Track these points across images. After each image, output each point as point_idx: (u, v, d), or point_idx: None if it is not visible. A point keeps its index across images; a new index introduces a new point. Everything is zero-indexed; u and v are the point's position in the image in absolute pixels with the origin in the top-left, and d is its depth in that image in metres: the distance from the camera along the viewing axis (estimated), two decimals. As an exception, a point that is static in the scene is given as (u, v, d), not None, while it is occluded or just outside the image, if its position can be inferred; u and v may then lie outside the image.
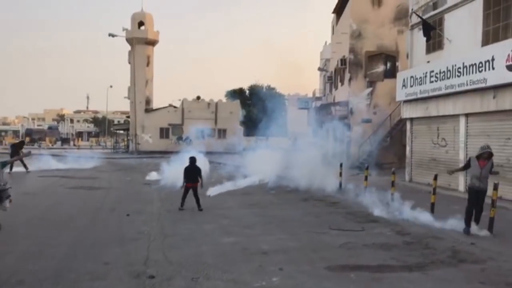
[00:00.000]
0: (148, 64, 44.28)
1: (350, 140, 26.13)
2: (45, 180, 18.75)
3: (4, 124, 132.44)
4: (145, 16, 45.02)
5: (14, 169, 21.66)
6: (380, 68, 25.80)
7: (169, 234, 9.06)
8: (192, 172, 11.96)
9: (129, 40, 43.63)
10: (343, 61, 26.82)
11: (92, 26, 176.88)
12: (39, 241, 8.17)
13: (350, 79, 25.91)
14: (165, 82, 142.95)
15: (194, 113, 44.02)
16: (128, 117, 49.13)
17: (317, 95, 41.68)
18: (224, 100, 49.93)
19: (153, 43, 44.85)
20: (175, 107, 45.68)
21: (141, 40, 43.51)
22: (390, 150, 23.92)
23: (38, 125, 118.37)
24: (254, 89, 61.95)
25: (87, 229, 9.39)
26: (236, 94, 59.75)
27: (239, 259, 7.32)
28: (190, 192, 11.87)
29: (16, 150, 21.09)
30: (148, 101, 44.19)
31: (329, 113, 27.83)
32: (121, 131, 58.89)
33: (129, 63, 44.14)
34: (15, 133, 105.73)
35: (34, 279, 6.06)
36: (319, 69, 39.10)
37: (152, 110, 44.45)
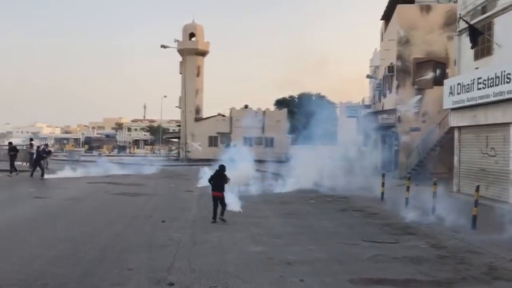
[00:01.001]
0: (198, 74, 45.25)
1: (398, 149, 25.42)
2: (92, 186, 19.50)
3: (66, 132, 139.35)
4: (196, 27, 46.09)
5: (64, 174, 22.96)
6: (429, 75, 24.96)
7: (198, 242, 9.16)
8: (218, 180, 11.53)
9: (181, 51, 44.80)
10: (390, 68, 26.20)
11: (147, 37, 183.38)
12: (72, 245, 8.47)
13: (397, 87, 25.25)
14: (214, 91, 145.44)
15: (242, 121, 44.43)
16: (179, 125, 50.32)
17: (367, 103, 40.88)
18: (272, 108, 50.05)
19: (203, 53, 45.80)
20: (223, 116, 46.33)
21: (191, 51, 44.57)
22: (440, 159, 23.02)
23: (97, 134, 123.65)
24: (303, 97, 61.71)
25: (120, 235, 9.66)
26: (285, 102, 59.78)
27: (262, 269, 7.28)
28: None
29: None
30: (198, 110, 45.10)
31: (375, 121, 27.21)
32: (174, 139, 60.40)
33: (180, 73, 45.29)
34: (76, 141, 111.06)
35: (58, 282, 6.28)
36: (368, 76, 38.38)
37: (202, 119, 45.31)
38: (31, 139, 31.50)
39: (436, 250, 8.69)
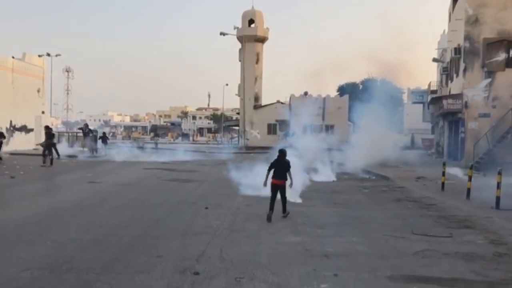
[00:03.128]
0: (257, 61, 45.00)
1: (464, 137, 23.79)
2: (147, 172, 19.84)
3: (135, 120, 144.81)
4: (255, 13, 45.76)
5: (124, 160, 23.67)
6: (501, 56, 23.01)
7: (236, 230, 8.87)
8: (280, 167, 10.03)
9: (240, 38, 44.71)
10: (457, 50, 24.50)
11: (209, 26, 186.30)
12: (109, 230, 8.46)
13: (464, 70, 23.53)
14: (274, 78, 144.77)
15: (302, 109, 43.63)
16: (238, 113, 50.48)
17: (433, 88, 38.78)
18: (333, 95, 48.87)
19: (262, 40, 45.44)
20: (282, 103, 45.84)
21: (251, 37, 44.35)
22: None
23: (164, 122, 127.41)
24: (367, 83, 59.70)
25: (159, 221, 9.56)
26: (349, 88, 58.13)
27: (295, 261, 6.83)
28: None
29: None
30: (257, 98, 44.94)
31: (440, 107, 25.62)
32: (235, 127, 60.78)
33: (240, 61, 45.25)
34: (144, 129, 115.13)
35: (83, 268, 6.20)
36: (434, 60, 36.31)
37: (261, 106, 45.12)
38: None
39: (494, 246, 7.80)
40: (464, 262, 6.88)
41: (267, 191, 10.33)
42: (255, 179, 14.43)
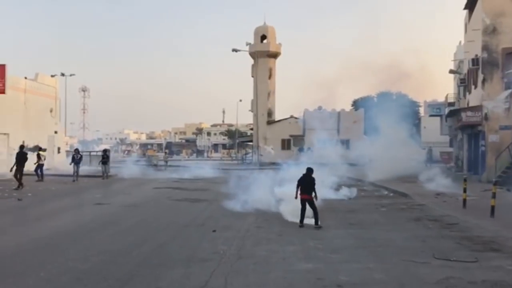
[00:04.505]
0: (270, 77, 44.69)
1: (485, 150, 22.92)
2: (157, 191, 19.40)
3: (150, 138, 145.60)
4: (267, 29, 45.62)
5: (135, 179, 23.28)
6: (521, 66, 22.23)
7: (244, 256, 8.30)
8: (306, 183, 11.23)
9: (252, 54, 44.52)
10: (475, 60, 23.76)
11: (222, 42, 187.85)
12: (109, 257, 7.97)
13: (483, 81, 22.78)
14: (287, 93, 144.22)
15: (316, 123, 43.06)
16: (252, 129, 50.08)
17: (450, 100, 37.84)
18: (347, 109, 48.21)
19: (275, 55, 45.19)
20: (296, 118, 45.31)
21: (263, 53, 44.12)
22: (536, 161, 20.36)
23: (179, 139, 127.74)
24: (382, 96, 58.90)
25: (163, 246, 9.05)
26: (364, 102, 57.39)
27: (306, 293, 6.26)
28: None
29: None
30: (270, 113, 44.53)
31: (459, 119, 24.82)
32: (249, 143, 60.32)
33: (252, 76, 45.00)
34: (159, 146, 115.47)
35: (74, 303, 5.72)
36: (451, 71, 35.44)
37: (274, 121, 44.65)
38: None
39: (526, 273, 7.12)
40: (493, 292, 6.22)
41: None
42: (265, 196, 14.01)
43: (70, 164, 25.03)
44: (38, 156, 23.33)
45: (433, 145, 47.85)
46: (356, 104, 58.64)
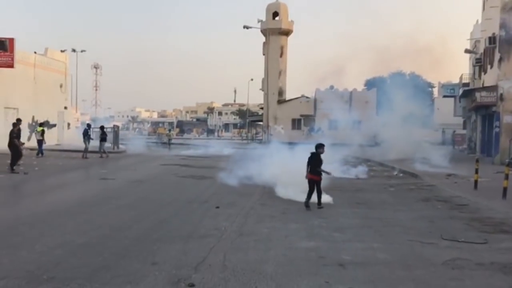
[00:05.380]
0: (281, 55, 44.09)
1: (499, 131, 22.39)
2: (164, 168, 19.30)
3: (162, 116, 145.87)
4: (280, 6, 44.86)
5: (144, 155, 23.10)
6: (541, 45, 21.51)
7: (245, 233, 8.10)
8: (315, 162, 10.50)
9: (264, 32, 43.89)
10: (492, 39, 23.05)
11: (234, 20, 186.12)
12: (107, 232, 7.81)
13: (500, 60, 22.11)
14: (299, 72, 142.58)
15: (327, 103, 42.59)
16: (262, 108, 49.71)
17: (465, 80, 37.05)
18: (359, 89, 47.54)
19: (286, 33, 44.52)
20: (307, 97, 44.81)
21: (274, 30, 43.49)
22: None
23: (190, 118, 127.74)
24: (395, 77, 57.94)
25: (164, 222, 8.87)
26: (376, 82, 56.57)
27: (306, 271, 6.02)
28: None
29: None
30: (281, 92, 44.06)
31: (473, 100, 24.23)
32: (260, 122, 60.02)
33: (264, 54, 44.42)
34: (170, 124, 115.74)
35: (65, 276, 5.54)
36: (466, 51, 34.55)
37: (285, 101, 44.22)
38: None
39: (537, 256, 6.82)
40: (502, 275, 5.95)
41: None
42: (272, 173, 13.73)
43: (85, 139, 23.41)
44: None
45: (447, 126, 47.18)
46: (368, 84, 57.79)
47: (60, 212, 9.63)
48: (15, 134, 16.43)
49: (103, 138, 24.32)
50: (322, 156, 10.66)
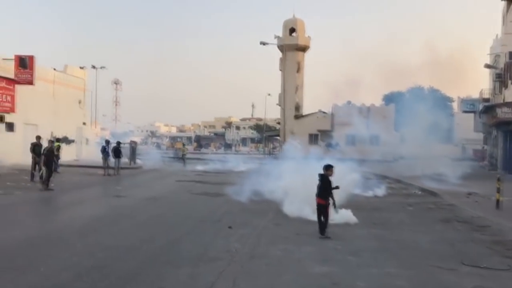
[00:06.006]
0: (298, 70, 44.03)
1: (522, 148, 21.79)
2: (179, 184, 19.21)
3: (181, 131, 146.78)
4: (297, 22, 44.95)
5: (159, 171, 22.98)
6: None
7: (257, 255, 7.86)
8: (322, 184, 9.37)
9: (281, 47, 43.94)
10: (512, 54, 22.59)
11: (250, 35, 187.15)
12: (116, 253, 7.66)
13: (521, 75, 21.61)
14: (315, 87, 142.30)
15: (345, 118, 42.19)
16: (279, 123, 49.57)
17: (485, 96, 36.38)
18: (377, 104, 47.09)
19: (303, 49, 44.50)
20: (324, 112, 44.54)
21: (291, 46, 43.52)
22: None
23: (208, 132, 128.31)
24: (414, 91, 57.27)
25: (174, 243, 8.69)
26: (394, 97, 56.01)
27: (318, 299, 5.77)
28: None
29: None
30: (298, 107, 43.91)
31: (494, 116, 23.68)
32: (277, 137, 59.85)
33: (280, 70, 44.42)
34: (189, 139, 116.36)
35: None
36: (486, 66, 33.99)
37: (302, 116, 44.00)
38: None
39: None
40: (527, 306, 5.60)
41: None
42: (288, 189, 13.41)
43: (103, 156, 22.94)
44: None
45: (467, 142, 46.33)
46: (386, 99, 57.23)
47: (71, 231, 9.53)
48: (46, 151, 16.48)
49: (117, 154, 23.74)
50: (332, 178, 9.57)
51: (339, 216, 10.94)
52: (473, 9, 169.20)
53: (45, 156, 16.23)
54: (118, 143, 24.73)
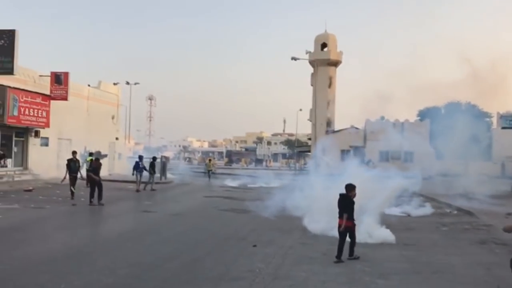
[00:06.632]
0: (330, 85, 43.66)
1: None
2: (206, 200, 19.12)
3: (213, 146, 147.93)
4: (328, 37, 44.73)
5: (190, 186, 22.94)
6: None
7: (280, 276, 7.60)
8: (343, 205, 8.88)
9: (312, 63, 43.78)
10: (554, 68, 21.65)
11: (282, 51, 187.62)
12: (137, 271, 7.54)
13: None
14: (348, 102, 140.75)
15: (377, 134, 41.45)
16: (310, 139, 49.16)
17: (526, 111, 35.04)
18: (412, 120, 46.09)
19: (335, 64, 44.16)
20: (357, 128, 43.89)
21: (323, 61, 43.28)
22: None
23: (240, 147, 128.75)
24: (450, 107, 55.87)
25: (197, 261, 8.51)
26: (430, 113, 54.79)
27: (341, 326, 5.46)
28: None
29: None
30: (329, 123, 43.41)
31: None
32: (308, 153, 59.35)
33: (312, 85, 44.19)
34: (220, 154, 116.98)
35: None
36: (526, 80, 32.79)
37: (333, 131, 43.47)
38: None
39: None
40: None
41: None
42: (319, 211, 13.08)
43: (133, 174, 22.69)
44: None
45: (507, 159, 44.65)
46: (421, 114, 56.02)
47: (94, 246, 9.53)
48: (93, 168, 16.82)
49: (152, 169, 23.42)
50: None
51: (377, 235, 10.62)
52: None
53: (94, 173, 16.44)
54: (154, 158, 24.65)
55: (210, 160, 37.59)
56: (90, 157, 23.70)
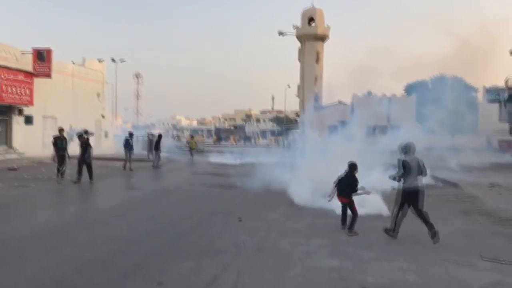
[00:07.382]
0: (317, 61, 43.41)
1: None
2: (193, 177, 19.07)
3: (201, 124, 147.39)
4: (315, 12, 44.29)
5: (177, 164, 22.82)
6: None
7: (264, 249, 7.60)
8: (346, 184, 9.10)
9: (299, 37, 43.40)
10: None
11: (269, 26, 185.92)
12: (119, 247, 7.48)
13: (549, 62, 20.71)
14: (334, 78, 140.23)
15: (364, 109, 41.44)
16: (298, 115, 49.08)
17: (510, 84, 35.21)
18: (399, 94, 46.17)
19: (322, 38, 43.85)
20: (344, 104, 43.86)
21: (310, 36, 42.94)
22: None
23: (228, 125, 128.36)
24: (438, 81, 55.97)
25: (181, 235, 8.48)
26: (417, 87, 54.85)
27: (324, 296, 5.48)
28: None
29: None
30: (317, 98, 43.29)
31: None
32: (297, 130, 59.38)
33: (299, 60, 43.88)
34: (209, 132, 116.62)
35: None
36: (512, 53, 32.88)
37: (321, 107, 43.40)
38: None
39: None
40: (550, 304, 5.20)
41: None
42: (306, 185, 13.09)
43: (127, 149, 21.83)
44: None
45: (491, 133, 45.09)
46: (408, 88, 56.09)
47: (78, 223, 9.45)
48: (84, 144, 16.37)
49: (156, 147, 23.29)
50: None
51: (370, 206, 10.69)
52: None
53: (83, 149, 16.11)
54: (160, 135, 24.30)
55: (192, 137, 34.76)
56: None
